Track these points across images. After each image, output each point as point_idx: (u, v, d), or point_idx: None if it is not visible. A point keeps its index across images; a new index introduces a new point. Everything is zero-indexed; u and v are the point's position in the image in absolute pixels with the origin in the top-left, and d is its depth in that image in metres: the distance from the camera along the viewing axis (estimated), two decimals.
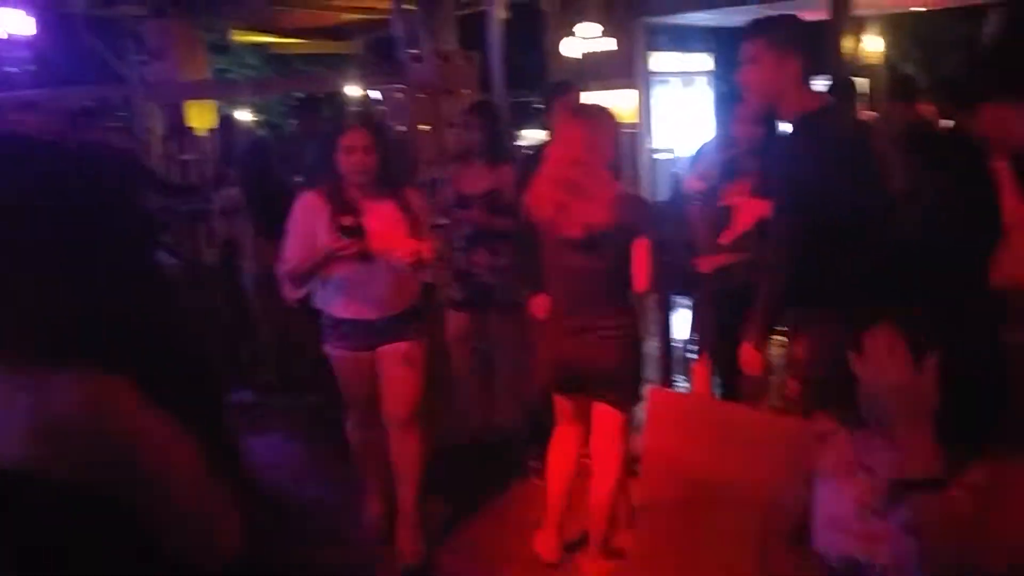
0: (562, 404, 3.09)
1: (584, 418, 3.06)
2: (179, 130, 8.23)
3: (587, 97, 4.50)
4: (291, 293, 3.10)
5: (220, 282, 5.99)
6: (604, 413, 2.96)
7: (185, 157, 7.53)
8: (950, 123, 4.07)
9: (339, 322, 3.12)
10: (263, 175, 5.39)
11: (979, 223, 2.29)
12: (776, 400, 3.65)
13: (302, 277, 3.05)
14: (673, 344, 4.51)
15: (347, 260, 2.94)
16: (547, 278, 3.00)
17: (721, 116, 5.91)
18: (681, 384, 4.30)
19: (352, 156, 2.99)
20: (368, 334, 3.11)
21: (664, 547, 2.08)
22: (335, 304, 3.11)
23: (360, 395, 3.22)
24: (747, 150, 3.71)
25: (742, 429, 2.05)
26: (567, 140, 2.88)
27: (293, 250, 3.04)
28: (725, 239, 3.29)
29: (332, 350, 3.18)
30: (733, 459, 1.99)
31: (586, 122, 2.86)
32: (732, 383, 3.37)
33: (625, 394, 2.94)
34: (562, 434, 3.12)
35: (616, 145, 2.87)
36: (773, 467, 1.73)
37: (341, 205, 2.98)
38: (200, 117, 9.61)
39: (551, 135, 3.70)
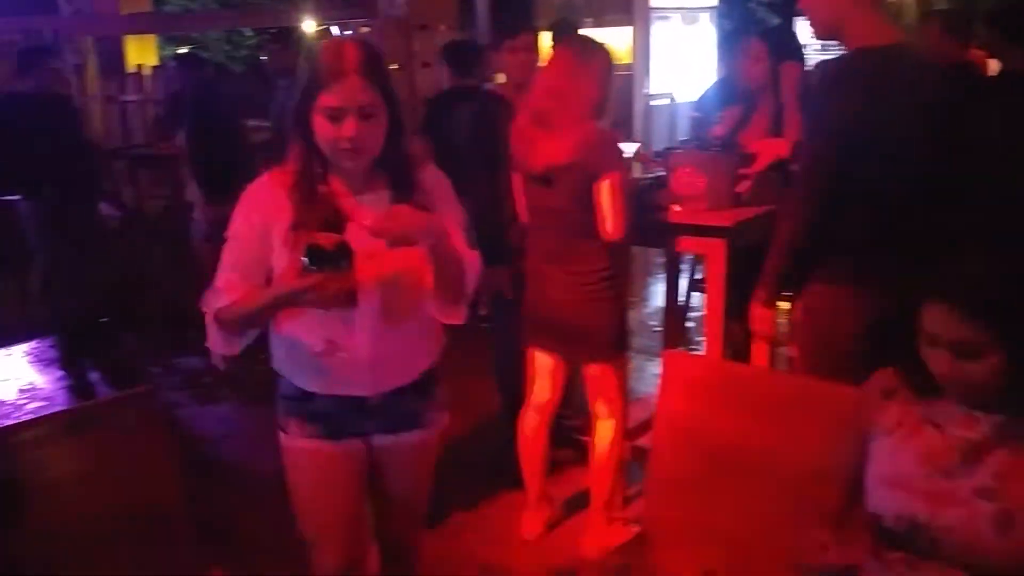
0: (539, 360, 3.12)
1: (558, 379, 3.11)
2: (117, 69, 8.08)
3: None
4: (223, 347, 2.03)
5: (164, 235, 5.94)
6: (594, 371, 3.00)
7: (126, 98, 7.36)
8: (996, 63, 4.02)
9: (306, 397, 2.10)
10: (211, 121, 5.30)
11: None
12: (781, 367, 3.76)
13: (242, 324, 2.00)
14: (683, 304, 4.51)
15: (322, 303, 1.88)
16: (528, 221, 3.05)
17: (725, 56, 5.87)
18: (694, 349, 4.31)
19: (342, 123, 1.88)
20: (357, 416, 2.11)
21: (683, 522, 2.08)
22: (301, 370, 2.09)
23: (339, 515, 2.20)
24: (757, 88, 3.74)
25: (773, 393, 2.03)
26: (550, 69, 2.89)
27: (231, 275, 1.99)
28: (743, 188, 3.28)
29: (293, 439, 2.12)
30: (764, 426, 1.98)
31: (572, 52, 2.87)
32: (741, 349, 3.43)
33: (604, 345, 2.96)
34: (536, 395, 3.15)
35: (604, 84, 2.85)
36: (814, 434, 1.73)
37: (313, 207, 1.95)
38: (140, 54, 9.46)
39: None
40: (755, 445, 2.00)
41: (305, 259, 1.81)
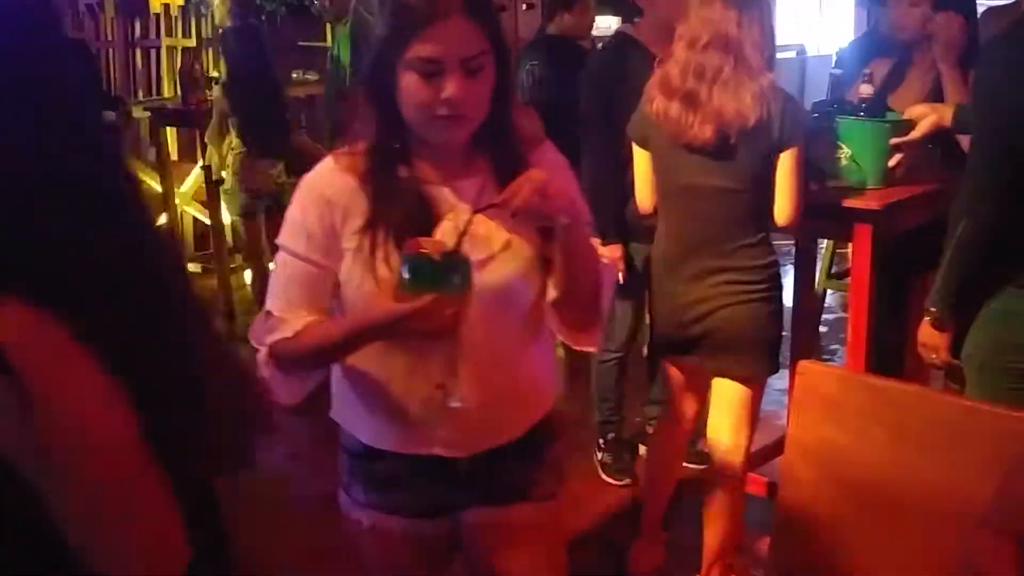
0: (674, 373, 3.14)
1: (700, 394, 3.11)
2: (140, 8, 8.25)
3: None
4: (284, 394, 1.80)
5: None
6: (728, 389, 2.99)
7: (151, 43, 7.53)
8: None
9: (374, 455, 1.88)
10: (254, 73, 5.39)
11: None
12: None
13: (311, 364, 1.82)
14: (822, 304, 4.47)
15: (428, 334, 1.66)
16: (661, 209, 3.01)
17: (871, 1, 5.78)
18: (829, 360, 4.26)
19: (441, 80, 1.64)
20: (442, 484, 1.87)
21: (818, 569, 2.06)
22: (370, 421, 1.87)
23: None
24: (912, 41, 3.66)
25: (934, 417, 1.99)
26: (709, 12, 2.80)
27: (289, 297, 1.79)
28: (897, 162, 3.23)
29: (354, 509, 1.94)
30: (920, 457, 1.94)
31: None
32: (891, 361, 3.40)
33: (758, 363, 2.95)
34: (672, 413, 3.18)
35: (772, 29, 2.83)
36: (985, 471, 1.69)
37: (396, 199, 1.73)
38: None
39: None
40: (908, 480, 1.96)
41: (405, 274, 1.58)
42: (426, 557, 1.94)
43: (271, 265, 2.20)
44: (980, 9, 3.97)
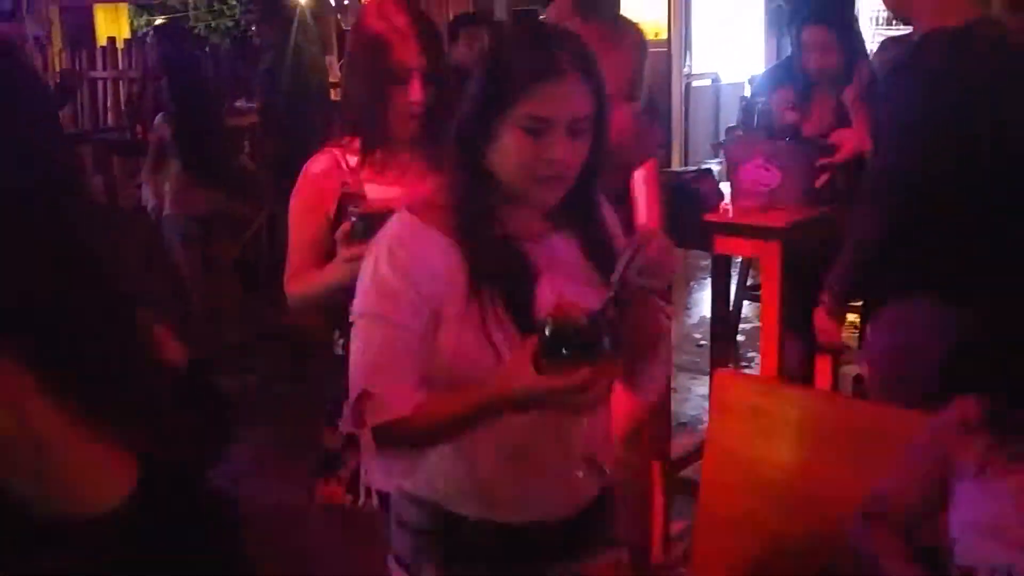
0: None
1: None
2: (87, 41, 8.14)
3: None
4: (383, 480, 1.78)
5: (139, 230, 6.01)
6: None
7: (96, 75, 7.42)
8: None
9: (453, 525, 1.67)
10: (195, 107, 5.36)
11: None
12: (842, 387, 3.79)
13: (432, 442, 1.63)
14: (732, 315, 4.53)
15: (572, 408, 1.52)
16: None
17: (780, 33, 5.89)
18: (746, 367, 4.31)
19: (550, 140, 1.52)
20: (536, 549, 1.68)
21: (736, 566, 2.07)
22: (474, 492, 1.65)
23: None
24: (821, 80, 3.75)
25: (841, 421, 2.04)
26: None
27: (395, 372, 1.58)
28: (821, 182, 3.31)
29: None
30: (830, 458, 1.98)
31: (599, 29, 2.72)
32: (804, 368, 3.46)
33: None
34: None
35: (636, 63, 2.85)
36: (888, 469, 1.74)
37: (495, 259, 1.58)
38: (111, 25, 9.54)
39: None
40: (820, 479, 1.99)
41: (550, 343, 1.38)
42: None
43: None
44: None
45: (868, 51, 4.04)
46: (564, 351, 1.36)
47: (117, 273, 1.08)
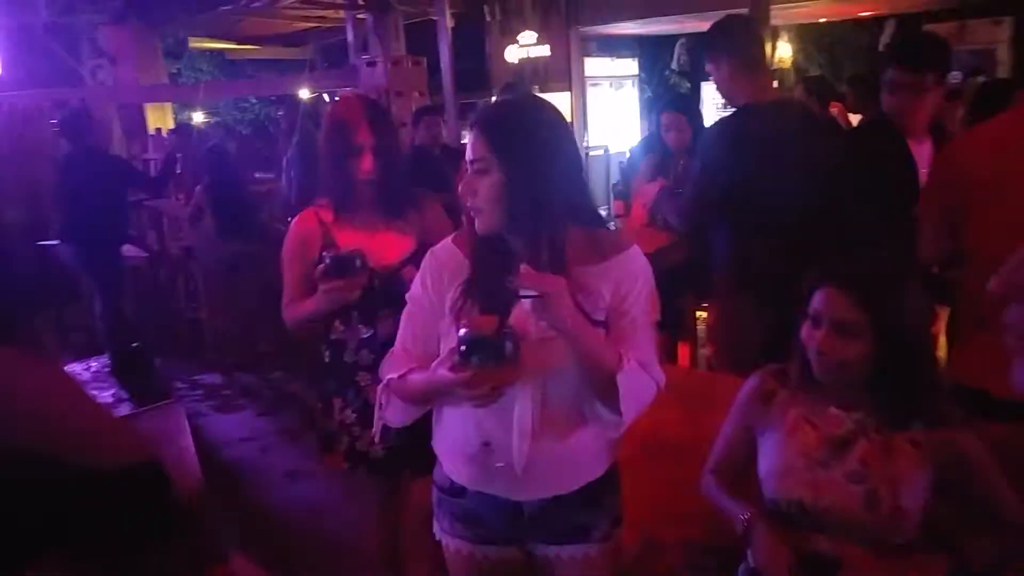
0: None
1: None
2: (140, 130, 8.03)
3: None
4: (397, 416, 1.59)
5: (181, 273, 5.97)
6: None
7: (148, 156, 7.32)
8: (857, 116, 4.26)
9: (457, 491, 1.62)
10: (224, 179, 5.34)
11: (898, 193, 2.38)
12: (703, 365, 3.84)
13: (408, 400, 1.57)
14: None
15: (475, 401, 1.40)
16: None
17: (648, 116, 6.04)
18: None
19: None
20: (512, 522, 1.59)
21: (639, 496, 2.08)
22: (453, 461, 1.61)
23: None
24: (677, 151, 3.86)
25: (693, 387, 2.09)
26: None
27: (405, 342, 1.60)
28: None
29: (444, 536, 1.68)
30: (683, 417, 2.03)
31: None
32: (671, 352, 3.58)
33: None
34: None
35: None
36: (716, 422, 1.76)
37: (499, 280, 1.40)
38: (159, 119, 9.41)
39: None
40: (676, 433, 2.03)
41: (460, 349, 1.32)
42: None
43: None
44: None
45: None
46: (465, 357, 1.30)
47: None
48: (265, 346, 5.23)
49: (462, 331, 1.34)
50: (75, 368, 5.14)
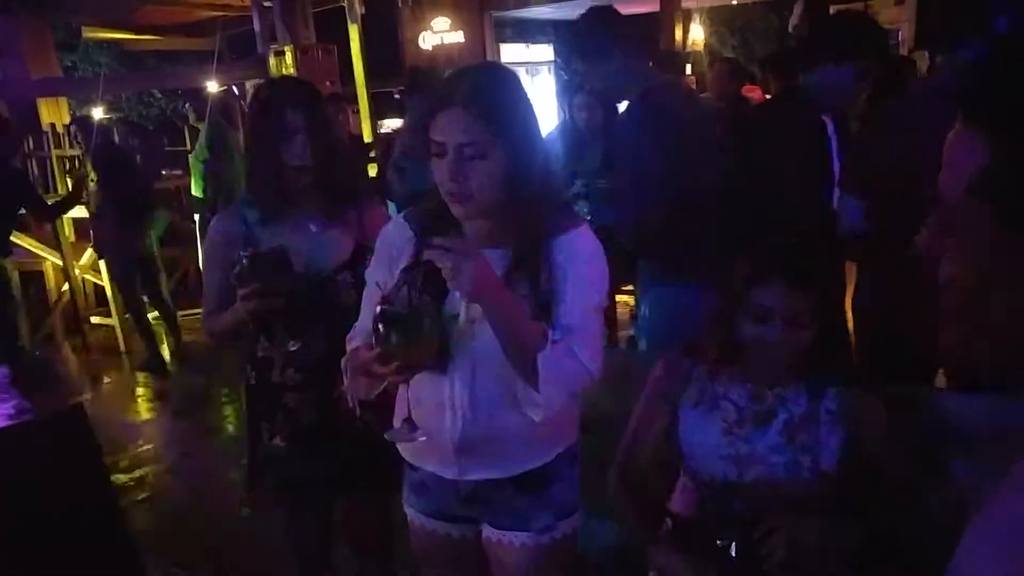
0: None
1: None
2: (34, 127, 7.63)
3: None
4: (352, 390, 1.50)
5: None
6: None
7: (43, 153, 6.98)
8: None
9: (411, 466, 1.65)
10: (121, 178, 5.18)
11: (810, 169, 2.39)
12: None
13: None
14: None
15: (391, 378, 1.40)
16: None
17: (563, 102, 6.09)
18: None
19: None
20: (455, 499, 1.58)
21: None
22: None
23: None
24: (589, 132, 3.92)
25: (619, 366, 2.05)
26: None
27: (362, 313, 1.60)
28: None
29: (409, 511, 1.69)
30: (614, 392, 1.94)
31: None
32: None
33: None
34: None
35: None
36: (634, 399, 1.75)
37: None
38: (53, 114, 8.98)
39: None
40: (609, 411, 1.98)
41: (377, 324, 1.30)
42: (455, 554, 1.64)
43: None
44: None
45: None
46: (387, 334, 1.29)
47: None
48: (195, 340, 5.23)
49: (377, 308, 1.30)
50: None
